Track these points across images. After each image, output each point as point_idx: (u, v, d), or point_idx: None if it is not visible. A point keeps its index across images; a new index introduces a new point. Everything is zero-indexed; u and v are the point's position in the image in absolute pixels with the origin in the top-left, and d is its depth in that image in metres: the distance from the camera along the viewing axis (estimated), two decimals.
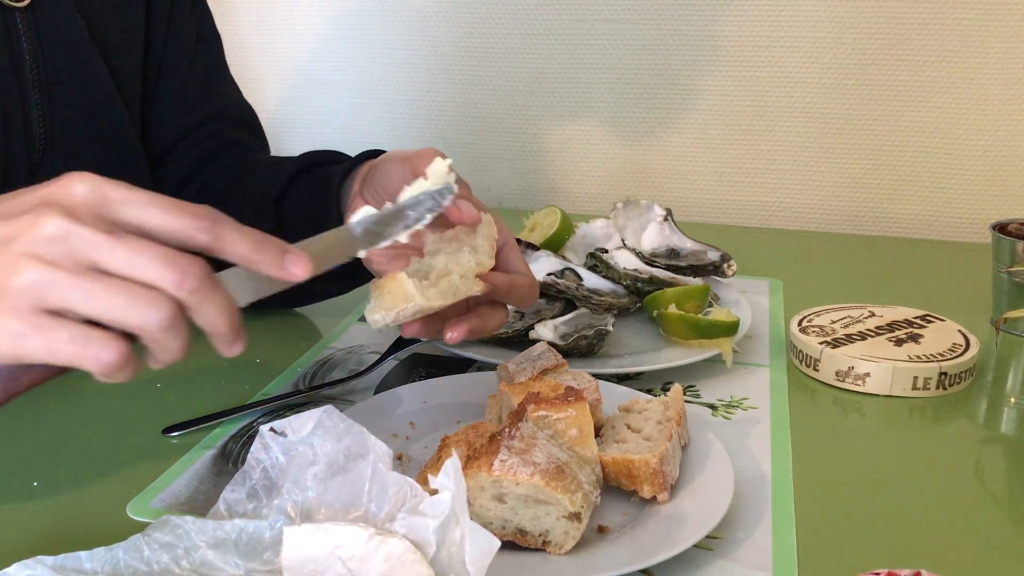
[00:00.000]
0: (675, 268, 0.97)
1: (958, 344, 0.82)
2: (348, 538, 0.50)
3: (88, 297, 0.48)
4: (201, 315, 0.50)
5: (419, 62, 1.47)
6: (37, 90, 0.78)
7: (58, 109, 0.80)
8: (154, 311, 0.48)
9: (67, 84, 0.81)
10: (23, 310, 0.48)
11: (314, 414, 0.57)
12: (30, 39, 0.77)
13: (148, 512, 0.63)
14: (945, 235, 1.33)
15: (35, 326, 0.48)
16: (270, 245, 0.52)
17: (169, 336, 0.49)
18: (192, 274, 0.49)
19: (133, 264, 0.48)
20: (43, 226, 0.48)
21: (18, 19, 0.77)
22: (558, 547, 0.56)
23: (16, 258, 0.48)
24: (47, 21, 0.78)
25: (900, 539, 0.60)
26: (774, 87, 1.34)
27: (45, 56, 0.78)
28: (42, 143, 0.80)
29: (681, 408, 0.67)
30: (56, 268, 0.48)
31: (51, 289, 0.48)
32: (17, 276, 0.48)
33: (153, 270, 0.49)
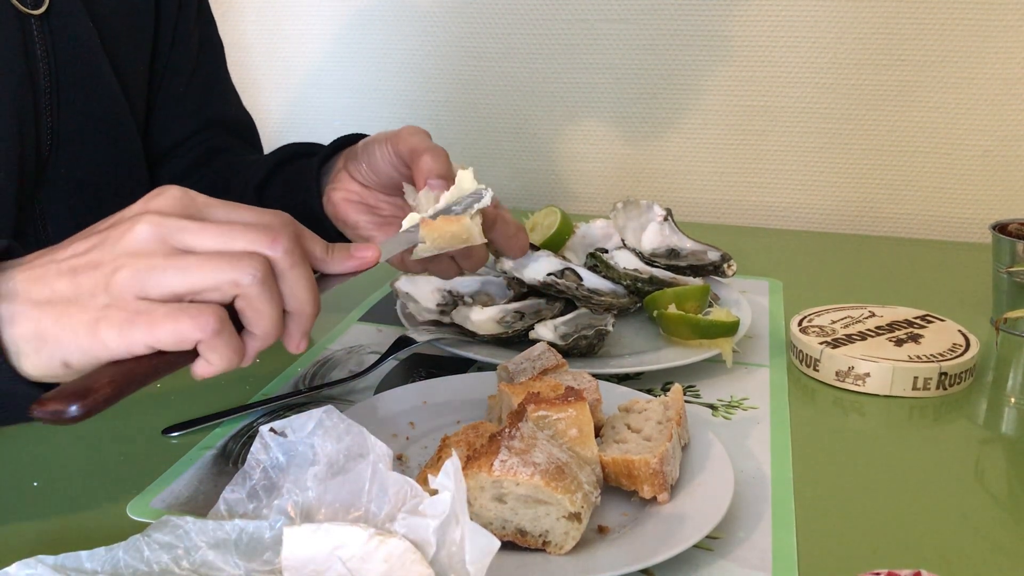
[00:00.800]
0: (675, 268, 0.97)
1: (958, 344, 0.82)
2: (348, 538, 0.50)
3: (183, 272, 0.50)
4: (290, 283, 0.52)
5: (419, 62, 1.48)
6: (48, 96, 0.79)
7: (66, 115, 0.81)
8: (248, 263, 0.51)
9: (77, 90, 0.81)
10: (129, 303, 0.50)
11: (314, 414, 0.57)
12: (44, 46, 0.78)
13: (148, 512, 0.63)
14: (945, 235, 1.33)
15: (136, 313, 0.50)
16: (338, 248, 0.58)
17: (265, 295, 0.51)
18: (284, 235, 0.52)
19: (225, 239, 0.51)
20: (138, 228, 0.51)
21: (33, 26, 0.77)
22: (558, 547, 0.56)
23: (115, 259, 0.51)
24: (61, 28, 0.79)
25: (900, 539, 0.60)
26: (774, 87, 1.34)
27: (58, 63, 0.79)
28: (49, 148, 0.80)
29: (681, 408, 0.67)
30: (151, 256, 0.51)
31: (149, 275, 0.50)
32: (117, 274, 0.50)
33: (245, 238, 0.51)
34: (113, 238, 0.52)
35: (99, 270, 0.51)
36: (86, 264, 0.52)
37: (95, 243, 0.52)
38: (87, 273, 0.51)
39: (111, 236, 0.52)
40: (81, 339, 0.51)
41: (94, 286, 0.51)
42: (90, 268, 0.51)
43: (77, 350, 0.51)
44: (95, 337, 0.50)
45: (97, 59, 0.83)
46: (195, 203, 0.53)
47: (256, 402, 0.77)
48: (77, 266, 0.52)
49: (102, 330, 0.50)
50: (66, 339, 0.51)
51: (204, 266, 0.51)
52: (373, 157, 0.76)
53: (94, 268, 0.51)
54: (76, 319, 0.51)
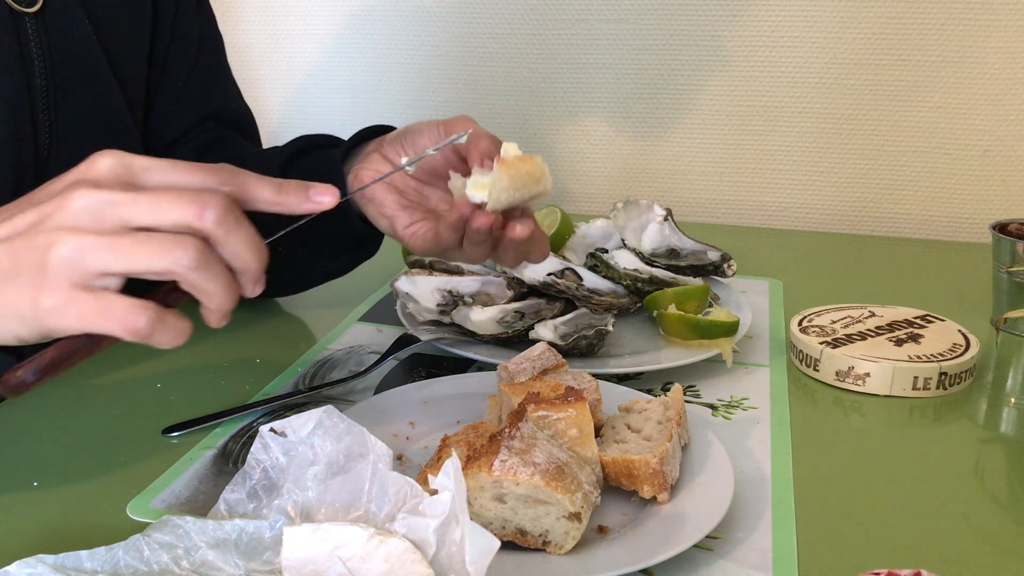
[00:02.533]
0: (675, 268, 0.97)
1: (958, 344, 0.82)
2: (348, 538, 0.50)
3: (118, 253, 0.50)
4: (230, 248, 0.52)
5: (419, 62, 1.48)
6: (44, 95, 0.79)
7: (64, 114, 0.80)
8: (180, 251, 0.50)
9: (74, 89, 0.81)
10: (61, 285, 0.50)
11: (314, 414, 0.57)
12: (39, 45, 0.78)
13: (148, 512, 0.63)
14: (945, 235, 1.33)
15: (69, 299, 0.50)
16: (291, 184, 0.55)
17: (205, 276, 0.51)
18: (212, 205, 0.51)
19: (157, 210, 0.51)
20: (73, 200, 0.51)
21: (28, 25, 0.77)
22: (558, 547, 0.56)
23: (50, 233, 0.51)
24: (56, 27, 0.79)
25: (900, 539, 0.60)
26: (774, 87, 1.34)
27: (54, 62, 0.79)
28: (47, 147, 0.80)
29: (681, 408, 0.67)
30: (87, 235, 0.50)
31: (85, 255, 0.50)
32: (53, 250, 0.50)
33: (175, 210, 0.51)
34: (49, 210, 0.52)
35: (35, 244, 0.51)
36: (23, 237, 0.52)
37: (31, 216, 0.52)
38: (25, 246, 0.51)
39: (47, 208, 0.52)
40: (25, 314, 0.52)
41: (32, 261, 0.51)
42: (27, 241, 0.52)
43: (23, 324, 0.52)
44: (36, 313, 0.51)
45: (94, 57, 0.82)
46: (130, 169, 0.53)
47: (256, 402, 0.77)
48: (15, 239, 0.52)
49: (42, 307, 0.51)
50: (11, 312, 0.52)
51: (139, 249, 0.50)
52: (420, 137, 0.75)
53: (30, 241, 0.51)
54: (17, 295, 0.51)
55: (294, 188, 0.56)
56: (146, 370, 0.85)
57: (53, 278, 0.51)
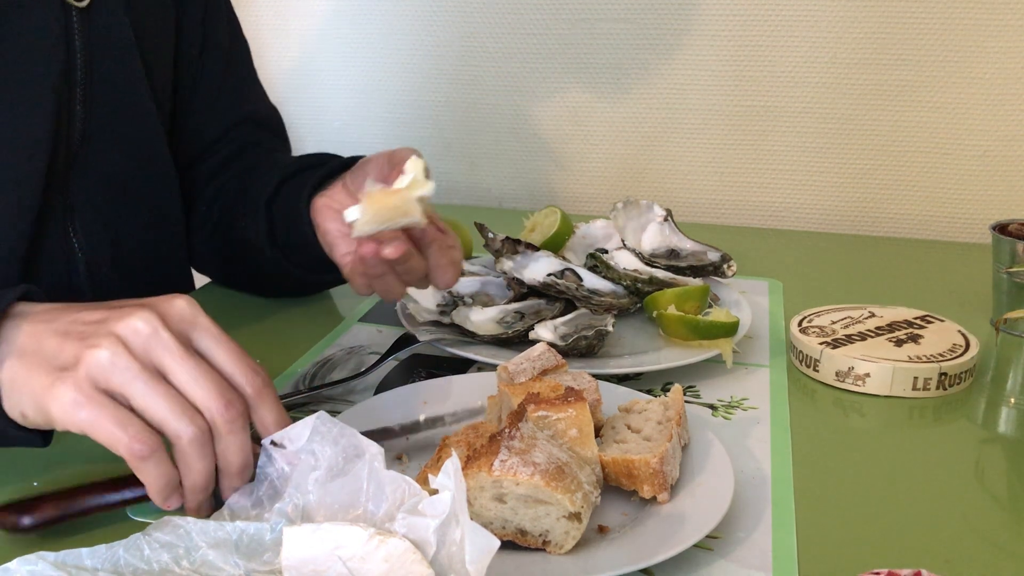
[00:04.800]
0: (675, 268, 0.97)
1: (958, 344, 0.82)
2: (348, 538, 0.50)
3: (145, 392, 0.54)
4: (224, 444, 0.56)
5: (419, 62, 1.48)
6: (82, 88, 0.81)
7: (97, 108, 0.83)
8: (190, 425, 0.55)
9: (109, 85, 0.83)
10: (86, 384, 0.54)
11: (308, 421, 0.57)
12: (83, 38, 0.80)
13: (148, 512, 0.62)
14: (945, 235, 1.33)
15: (89, 399, 0.54)
16: None
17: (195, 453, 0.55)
18: (235, 408, 0.56)
19: (193, 380, 0.55)
20: (135, 320, 0.56)
21: (75, 17, 0.79)
22: (558, 547, 0.56)
23: (99, 337, 0.55)
24: (99, 22, 0.81)
25: (900, 539, 0.60)
26: (774, 87, 1.34)
27: (93, 56, 0.81)
28: (79, 139, 0.82)
29: (681, 408, 0.67)
30: (126, 355, 0.54)
31: (115, 370, 0.54)
32: (95, 351, 0.54)
33: (206, 392, 0.55)
34: (112, 320, 0.56)
35: (84, 338, 0.55)
36: (77, 333, 0.56)
37: (96, 317, 0.57)
38: (73, 340, 0.56)
39: (111, 316, 0.56)
40: (36, 394, 0.55)
41: (71, 353, 0.55)
42: (77, 338, 0.56)
43: (32, 403, 0.56)
44: (46, 397, 0.55)
45: (130, 56, 0.85)
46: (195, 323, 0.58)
47: None
48: (70, 332, 0.56)
49: (55, 394, 0.54)
50: (27, 390, 0.56)
51: (162, 401, 0.54)
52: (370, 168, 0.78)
53: (81, 339, 0.56)
54: (41, 375, 0.55)
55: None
56: None
57: (79, 372, 0.54)
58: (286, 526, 0.52)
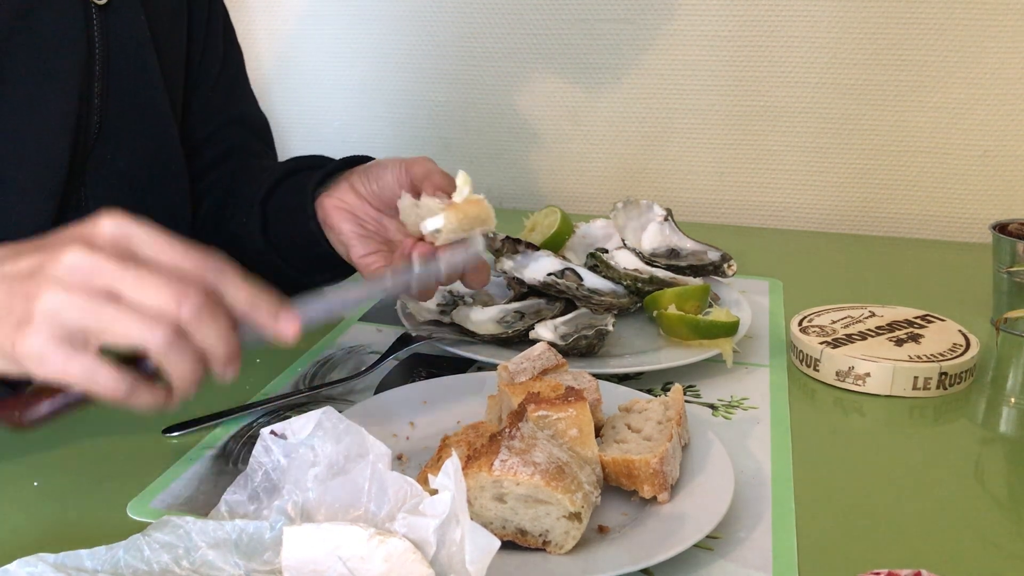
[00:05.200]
0: (675, 268, 0.97)
1: (958, 344, 0.82)
2: (348, 538, 0.50)
3: (98, 320, 0.54)
4: (200, 337, 0.56)
5: (419, 62, 1.47)
6: (100, 83, 0.82)
7: (113, 104, 0.84)
8: (155, 331, 0.54)
9: (124, 81, 0.85)
10: (46, 333, 0.54)
11: (313, 415, 0.57)
12: (101, 35, 0.81)
13: (148, 512, 0.63)
14: (945, 235, 1.33)
15: (49, 350, 0.54)
16: (263, 302, 0.58)
17: (175, 357, 0.55)
18: (189, 297, 0.55)
19: (139, 289, 0.54)
20: (65, 256, 0.55)
21: (94, 14, 0.81)
22: (558, 547, 0.56)
23: (40, 284, 0.54)
24: (117, 19, 0.83)
25: (900, 539, 0.60)
26: (774, 87, 1.34)
27: (110, 53, 0.83)
28: (96, 135, 0.83)
29: (681, 408, 0.67)
30: (72, 293, 0.54)
31: (68, 312, 0.54)
32: (40, 300, 0.54)
33: (156, 294, 0.54)
34: (45, 261, 0.55)
35: (27, 290, 0.55)
36: (19, 281, 0.55)
37: (32, 261, 0.56)
38: (18, 290, 0.55)
39: (45, 258, 0.55)
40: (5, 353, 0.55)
41: (20, 306, 0.55)
42: (20, 286, 0.55)
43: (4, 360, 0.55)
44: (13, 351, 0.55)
45: (146, 54, 0.87)
46: (129, 238, 0.57)
47: (256, 402, 0.77)
48: (12, 286, 0.56)
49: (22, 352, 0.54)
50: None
51: (118, 321, 0.54)
52: (384, 178, 0.80)
53: (23, 286, 0.55)
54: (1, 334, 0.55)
55: (265, 306, 0.58)
56: None
57: (35, 326, 0.54)
58: (286, 525, 0.52)
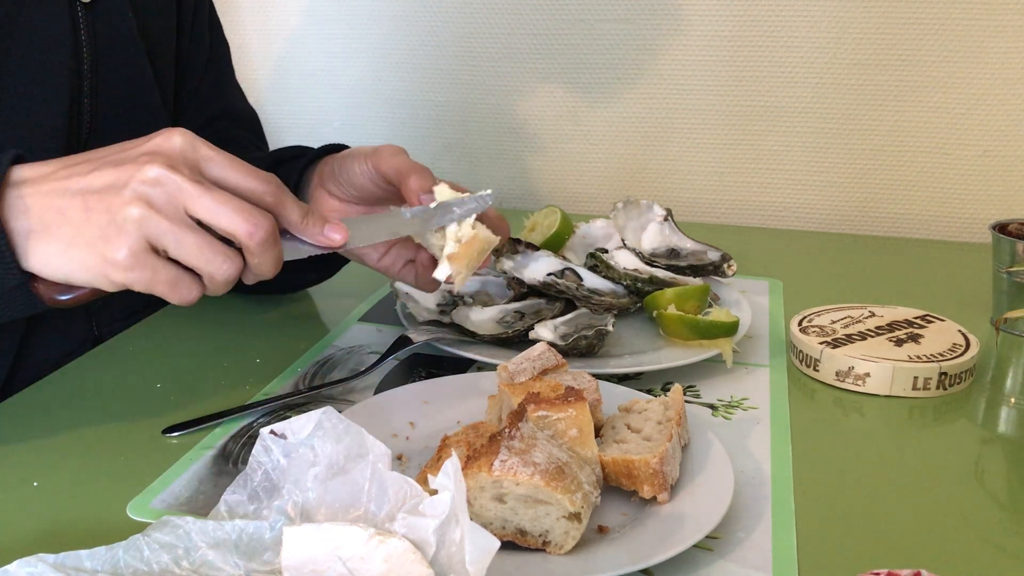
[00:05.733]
0: (675, 268, 0.97)
1: (958, 344, 0.82)
2: (348, 538, 0.50)
3: (178, 243, 0.59)
4: (258, 263, 0.62)
5: (419, 62, 1.48)
6: (90, 81, 0.83)
7: (104, 102, 0.84)
8: (227, 264, 0.61)
9: (115, 77, 0.85)
10: (132, 245, 0.59)
11: (313, 415, 0.57)
12: (88, 34, 0.82)
13: (148, 512, 0.63)
14: (945, 235, 1.33)
15: (142, 262, 0.59)
16: (315, 215, 0.66)
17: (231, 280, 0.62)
18: (262, 228, 0.61)
19: (216, 213, 0.60)
20: (146, 171, 0.59)
21: (80, 14, 0.81)
22: (558, 547, 0.56)
23: (125, 198, 0.58)
24: (104, 18, 0.83)
25: (900, 539, 0.60)
26: (774, 87, 1.34)
27: (99, 51, 0.83)
28: (87, 133, 0.84)
29: (681, 408, 0.67)
30: (156, 211, 0.58)
31: (153, 229, 0.59)
32: (126, 213, 0.58)
33: (231, 220, 0.60)
34: (126, 176, 0.59)
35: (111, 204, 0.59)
36: (98, 196, 0.59)
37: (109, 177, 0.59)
38: (100, 205, 0.59)
39: (123, 173, 0.59)
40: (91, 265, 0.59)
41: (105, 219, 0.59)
42: (102, 201, 0.59)
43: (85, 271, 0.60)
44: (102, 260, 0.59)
45: (136, 50, 0.87)
46: (197, 153, 0.61)
47: (256, 402, 0.77)
48: (89, 195, 0.59)
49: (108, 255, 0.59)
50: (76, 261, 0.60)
51: (195, 248, 0.60)
52: (351, 173, 0.79)
53: (105, 201, 0.59)
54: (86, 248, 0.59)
55: (314, 220, 0.65)
56: (146, 370, 0.85)
57: (125, 236, 0.58)
58: (286, 525, 0.52)
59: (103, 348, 0.90)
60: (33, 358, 0.86)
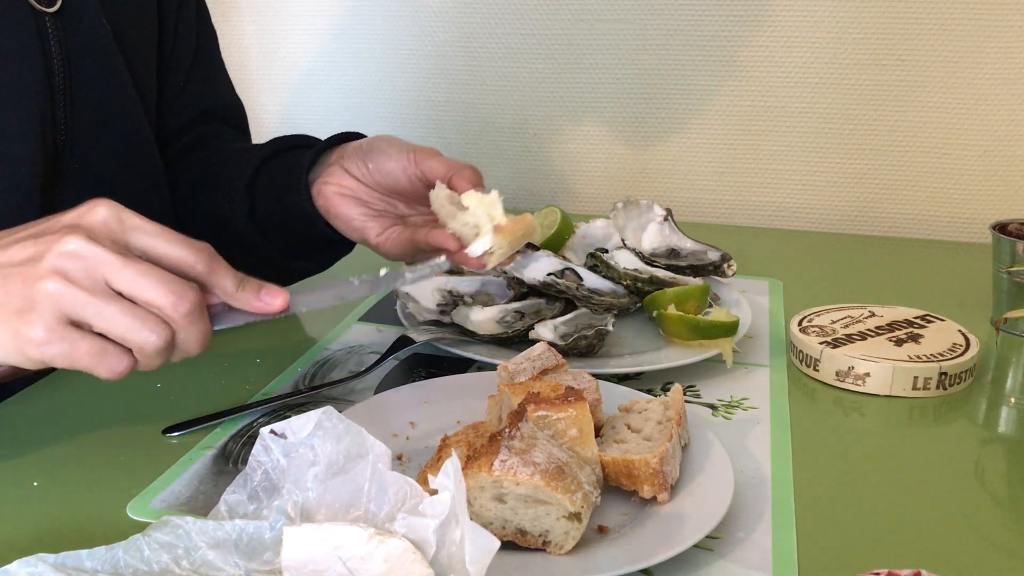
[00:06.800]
0: (675, 268, 0.97)
1: (958, 344, 0.82)
2: (348, 538, 0.50)
3: (99, 314, 0.56)
4: (184, 336, 0.59)
5: (419, 62, 1.48)
6: (63, 92, 0.80)
7: (80, 111, 0.82)
8: (153, 335, 0.58)
9: (91, 86, 0.83)
10: (48, 320, 0.56)
11: (313, 415, 0.57)
12: (58, 43, 0.79)
13: (148, 512, 0.63)
14: (945, 235, 1.33)
15: (60, 336, 0.56)
16: (249, 282, 0.62)
17: (158, 357, 0.59)
18: (187, 299, 0.58)
19: (138, 285, 0.57)
20: (64, 244, 0.56)
21: (48, 23, 0.78)
22: (558, 547, 0.56)
23: (42, 272, 0.56)
24: (75, 26, 0.81)
25: (900, 539, 0.60)
26: (774, 87, 1.34)
27: (71, 60, 0.81)
28: (63, 144, 0.82)
29: (681, 408, 0.67)
30: (74, 285, 0.56)
31: (70, 303, 0.56)
32: (41, 287, 0.56)
33: (155, 292, 0.57)
34: (43, 249, 0.57)
35: (27, 276, 0.57)
36: (16, 269, 0.57)
37: (29, 250, 0.57)
38: (16, 278, 0.57)
39: (42, 247, 0.57)
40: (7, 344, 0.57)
41: (20, 293, 0.57)
42: (16, 271, 0.57)
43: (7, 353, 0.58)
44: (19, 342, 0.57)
45: (110, 56, 0.84)
46: (123, 224, 0.59)
47: (256, 402, 0.77)
48: (8, 268, 0.57)
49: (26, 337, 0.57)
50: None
51: (120, 319, 0.57)
52: (387, 160, 0.78)
53: (22, 274, 0.57)
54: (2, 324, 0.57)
55: (250, 288, 0.62)
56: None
57: (38, 312, 0.56)
58: (286, 525, 0.52)
59: None
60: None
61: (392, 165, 0.78)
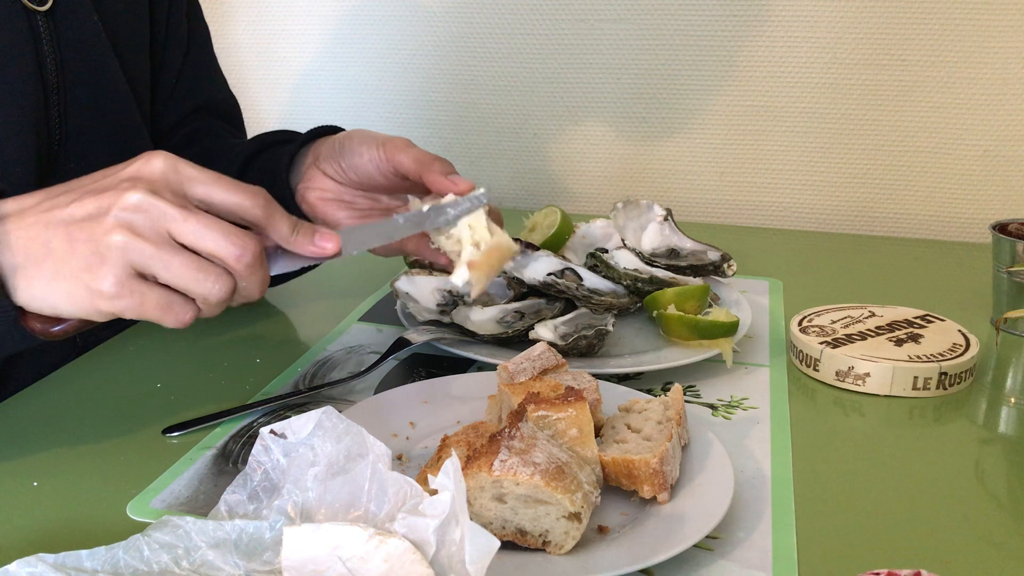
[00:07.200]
0: (675, 268, 0.97)
1: (958, 344, 0.82)
2: (348, 538, 0.50)
3: (166, 267, 0.58)
4: (245, 284, 0.61)
5: (419, 62, 1.48)
6: (56, 91, 0.80)
7: (74, 109, 0.82)
8: (217, 285, 0.59)
9: (84, 85, 0.83)
10: (118, 273, 0.58)
11: (314, 415, 0.57)
12: (50, 42, 0.79)
13: (148, 512, 0.63)
14: (945, 235, 1.33)
15: (129, 289, 0.58)
16: (304, 227, 0.64)
17: (220, 305, 0.61)
18: (249, 250, 0.60)
19: (201, 236, 0.59)
20: (128, 198, 0.58)
21: (39, 22, 0.78)
22: (558, 547, 0.56)
23: (108, 227, 0.58)
24: (67, 24, 0.81)
25: (900, 539, 0.60)
26: (774, 87, 1.34)
27: (64, 58, 0.80)
28: (57, 142, 0.82)
29: (681, 408, 0.67)
30: (140, 237, 0.58)
31: (137, 256, 0.58)
32: (108, 241, 0.57)
33: (217, 244, 0.59)
34: (106, 204, 0.58)
35: (93, 232, 0.58)
36: (80, 226, 0.58)
37: (90, 206, 0.59)
38: (82, 235, 0.58)
39: (104, 201, 0.58)
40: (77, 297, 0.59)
41: (88, 248, 0.58)
42: (84, 230, 0.58)
43: (70, 302, 0.59)
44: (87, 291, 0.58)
45: (103, 54, 0.84)
46: (179, 176, 0.60)
47: (256, 402, 0.77)
48: (71, 225, 0.58)
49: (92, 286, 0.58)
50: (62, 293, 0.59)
51: (184, 271, 0.59)
52: (357, 158, 0.78)
53: (88, 230, 0.58)
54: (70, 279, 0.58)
55: (305, 232, 0.64)
56: (146, 370, 0.85)
57: (109, 265, 0.57)
58: (286, 525, 0.52)
59: (103, 348, 0.90)
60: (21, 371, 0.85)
61: (364, 163, 0.78)
